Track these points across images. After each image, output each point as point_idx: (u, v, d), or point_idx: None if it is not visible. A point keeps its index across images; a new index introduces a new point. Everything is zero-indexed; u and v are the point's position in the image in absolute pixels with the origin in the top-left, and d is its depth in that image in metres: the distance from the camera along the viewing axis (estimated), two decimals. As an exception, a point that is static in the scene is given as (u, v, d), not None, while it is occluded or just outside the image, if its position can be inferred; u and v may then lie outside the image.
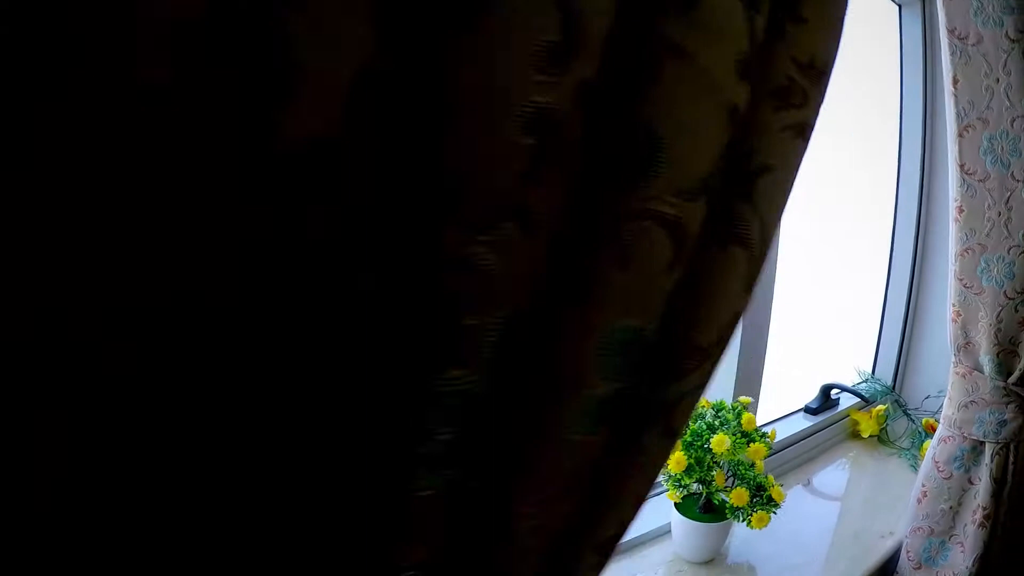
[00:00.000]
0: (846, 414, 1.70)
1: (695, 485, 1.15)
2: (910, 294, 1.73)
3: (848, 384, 1.71)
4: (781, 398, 1.71)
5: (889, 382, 1.80)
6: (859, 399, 1.66)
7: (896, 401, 1.75)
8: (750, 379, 1.39)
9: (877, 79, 1.68)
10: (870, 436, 1.66)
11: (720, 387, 1.37)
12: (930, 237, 1.68)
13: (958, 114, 0.98)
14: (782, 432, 1.60)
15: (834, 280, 1.85)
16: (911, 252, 1.70)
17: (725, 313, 0.36)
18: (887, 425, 1.67)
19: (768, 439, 1.16)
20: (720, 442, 1.10)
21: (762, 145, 0.36)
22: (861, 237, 1.86)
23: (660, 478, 1.15)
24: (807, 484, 1.56)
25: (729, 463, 1.15)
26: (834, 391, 1.69)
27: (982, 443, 1.12)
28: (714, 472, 1.14)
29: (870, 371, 1.84)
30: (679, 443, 1.13)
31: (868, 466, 1.61)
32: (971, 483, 1.12)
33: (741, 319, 0.38)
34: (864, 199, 1.81)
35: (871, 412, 1.68)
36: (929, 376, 1.73)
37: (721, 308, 0.36)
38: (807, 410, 1.67)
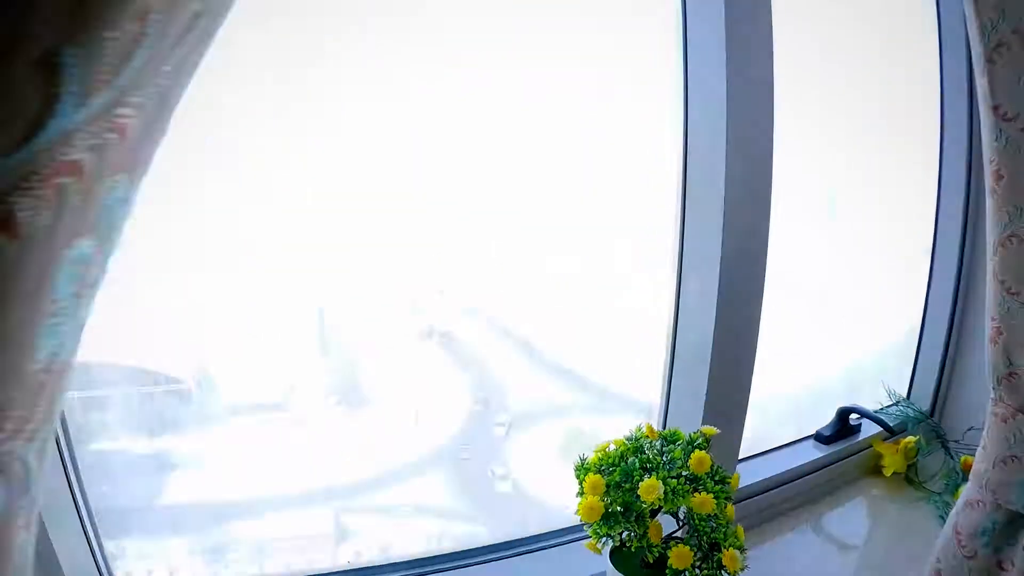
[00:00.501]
0: (868, 444, 1.38)
1: (625, 534, 0.89)
2: (956, 299, 1.37)
3: (872, 408, 1.38)
4: (798, 422, 1.41)
5: (927, 407, 1.45)
6: (882, 427, 1.33)
7: (934, 431, 1.41)
8: (728, 403, 1.11)
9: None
10: (894, 474, 1.33)
11: (684, 413, 1.11)
12: (981, 223, 1.31)
13: (982, 28, 0.64)
14: (787, 463, 1.32)
15: (865, 281, 1.51)
16: (957, 245, 1.34)
17: None
18: (917, 460, 1.34)
19: (727, 487, 0.89)
20: (650, 489, 0.84)
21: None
22: (897, 227, 1.50)
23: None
24: (807, 530, 1.27)
25: (687, 507, 0.89)
26: (853, 416, 1.37)
27: (1022, 516, 0.80)
28: (648, 522, 0.88)
29: (905, 392, 1.49)
30: (601, 483, 0.87)
31: (888, 512, 1.30)
32: (1001, 568, 0.81)
33: None
34: (901, 172, 1.46)
35: (899, 444, 1.35)
36: (976, 402, 1.38)
37: None
38: (818, 438, 1.37)
